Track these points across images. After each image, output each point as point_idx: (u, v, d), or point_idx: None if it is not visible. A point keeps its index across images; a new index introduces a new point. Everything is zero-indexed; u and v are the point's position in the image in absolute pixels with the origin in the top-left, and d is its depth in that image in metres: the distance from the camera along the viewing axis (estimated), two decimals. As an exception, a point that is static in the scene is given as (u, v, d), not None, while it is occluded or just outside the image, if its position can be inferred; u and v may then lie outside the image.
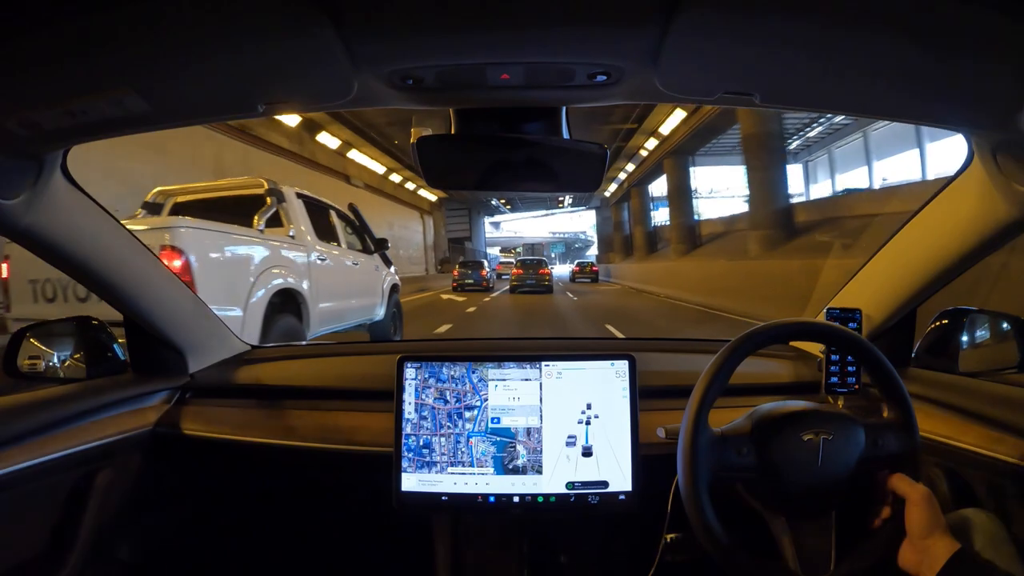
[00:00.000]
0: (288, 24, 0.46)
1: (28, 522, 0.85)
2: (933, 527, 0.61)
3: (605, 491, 0.86)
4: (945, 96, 0.56)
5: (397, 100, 0.61)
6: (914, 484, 0.64)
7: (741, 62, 0.52)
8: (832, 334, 0.73)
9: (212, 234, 3.01)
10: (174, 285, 1.09)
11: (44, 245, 0.83)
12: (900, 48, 0.47)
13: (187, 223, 2.87)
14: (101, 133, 0.64)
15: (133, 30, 0.46)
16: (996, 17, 0.42)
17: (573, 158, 0.72)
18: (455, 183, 0.77)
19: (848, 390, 0.97)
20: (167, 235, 2.75)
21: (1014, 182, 0.68)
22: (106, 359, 1.08)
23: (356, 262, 4.79)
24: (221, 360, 1.22)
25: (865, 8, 0.43)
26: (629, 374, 0.89)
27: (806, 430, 0.67)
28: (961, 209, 0.81)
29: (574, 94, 0.61)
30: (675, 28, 0.46)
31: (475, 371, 0.90)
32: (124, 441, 0.97)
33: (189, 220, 2.93)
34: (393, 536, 1.13)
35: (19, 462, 0.80)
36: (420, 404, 0.89)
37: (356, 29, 0.47)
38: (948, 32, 0.45)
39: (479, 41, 0.51)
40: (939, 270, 0.89)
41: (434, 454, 0.88)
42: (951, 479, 0.84)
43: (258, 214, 3.53)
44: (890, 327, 1.02)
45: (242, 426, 1.05)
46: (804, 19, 0.45)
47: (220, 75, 0.55)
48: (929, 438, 0.82)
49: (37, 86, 0.53)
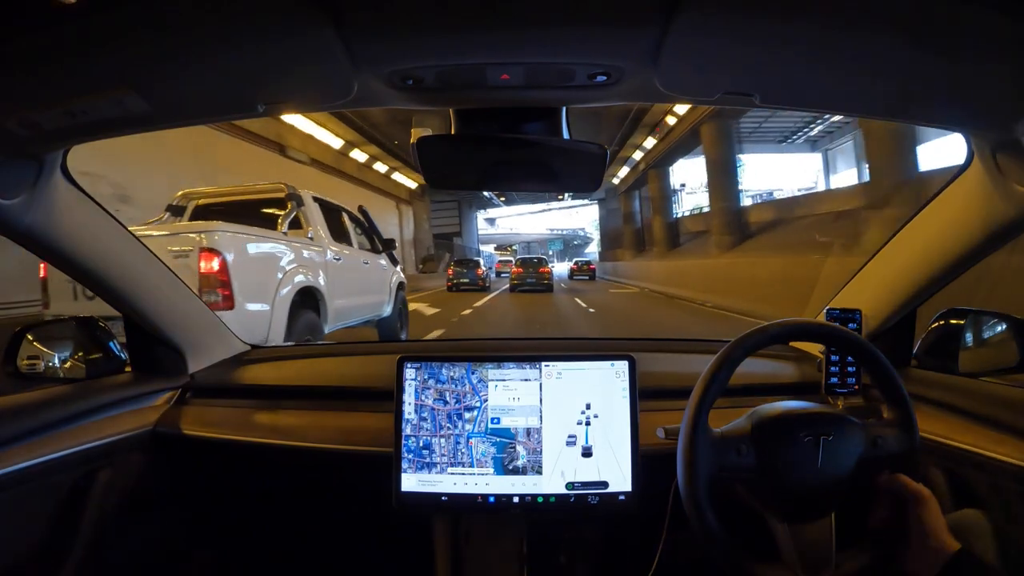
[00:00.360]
0: (288, 24, 0.46)
1: (28, 522, 0.85)
2: (933, 528, 0.61)
3: (605, 491, 0.86)
4: (945, 96, 0.56)
5: (397, 100, 0.61)
6: (914, 485, 0.64)
7: (741, 62, 0.52)
8: (832, 335, 0.73)
9: (245, 236, 3.24)
10: (174, 285, 1.09)
11: (44, 245, 0.83)
12: (900, 48, 0.47)
13: (223, 227, 3.06)
14: (101, 133, 0.64)
15: (133, 30, 0.46)
16: (996, 17, 0.42)
17: (573, 158, 0.72)
18: (455, 183, 0.77)
19: (848, 390, 0.97)
20: (205, 238, 2.95)
21: (1014, 182, 0.68)
22: (106, 359, 1.08)
23: (366, 261, 5.00)
24: (221, 360, 1.22)
25: (865, 8, 0.43)
26: (629, 374, 0.89)
27: (806, 431, 0.67)
28: (961, 209, 0.81)
29: (574, 94, 0.62)
30: (675, 28, 0.46)
31: (475, 371, 0.90)
32: (124, 441, 0.97)
33: (224, 224, 3.10)
34: (393, 536, 1.13)
35: (19, 462, 0.80)
36: (420, 404, 0.89)
37: (356, 29, 0.47)
38: (948, 32, 0.45)
39: (479, 41, 0.51)
40: (939, 270, 0.89)
41: (434, 454, 0.88)
42: (951, 479, 0.84)
43: (281, 217, 3.79)
44: (890, 327, 1.02)
45: (242, 426, 1.05)
46: (804, 19, 0.45)
47: (220, 75, 0.55)
48: (929, 438, 0.82)
49: (37, 86, 0.53)
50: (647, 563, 0.86)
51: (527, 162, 0.72)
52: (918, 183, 8.44)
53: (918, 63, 0.49)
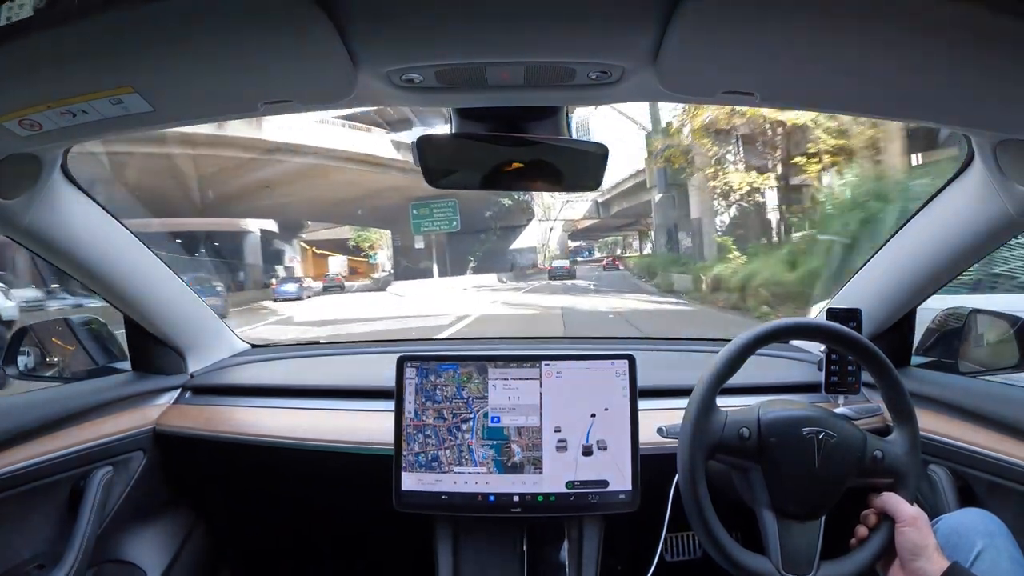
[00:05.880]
0: (288, 24, 0.46)
1: (28, 522, 0.85)
2: (923, 548, 0.62)
3: (605, 490, 0.86)
4: (945, 96, 0.56)
5: (398, 99, 0.61)
6: (906, 506, 0.65)
7: (741, 61, 0.52)
8: (833, 334, 0.73)
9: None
10: (174, 285, 1.09)
11: (44, 245, 0.83)
12: (900, 48, 0.47)
13: None
14: (101, 133, 0.64)
15: (133, 30, 0.46)
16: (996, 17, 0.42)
17: (574, 157, 0.72)
18: (455, 182, 0.77)
19: (848, 390, 0.97)
20: None
21: (1014, 182, 0.68)
22: (106, 359, 1.08)
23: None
24: (221, 360, 1.22)
25: (864, 8, 0.43)
26: (629, 374, 0.89)
27: (809, 427, 0.67)
28: (961, 209, 0.81)
29: (575, 94, 0.61)
30: (675, 28, 0.46)
31: (475, 371, 0.90)
32: (124, 441, 0.97)
33: None
34: (393, 536, 1.13)
35: (19, 462, 0.80)
36: (420, 404, 0.89)
37: (356, 28, 0.47)
38: (948, 32, 0.45)
39: (480, 40, 0.51)
40: (939, 270, 0.89)
41: (434, 454, 0.88)
42: (951, 479, 0.84)
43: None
44: (890, 326, 1.02)
45: (242, 426, 1.05)
46: (804, 19, 0.45)
47: (220, 74, 0.55)
48: (929, 438, 0.83)
49: (37, 86, 0.53)
50: (647, 563, 0.86)
51: (528, 161, 0.71)
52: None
53: (918, 63, 0.49)
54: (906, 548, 0.62)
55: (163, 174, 11.99)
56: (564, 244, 38.25)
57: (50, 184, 0.76)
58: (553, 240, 34.33)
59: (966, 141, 0.73)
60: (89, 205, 0.87)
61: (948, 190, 0.83)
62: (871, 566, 0.65)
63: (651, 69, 0.53)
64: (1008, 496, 0.76)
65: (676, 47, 0.49)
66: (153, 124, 0.63)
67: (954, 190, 0.82)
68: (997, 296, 2.15)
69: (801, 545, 0.66)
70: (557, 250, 34.25)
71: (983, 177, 0.73)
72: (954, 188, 0.81)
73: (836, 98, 0.63)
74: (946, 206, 0.85)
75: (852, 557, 0.66)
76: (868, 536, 0.67)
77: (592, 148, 0.70)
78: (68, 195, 0.82)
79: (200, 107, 0.63)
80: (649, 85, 0.57)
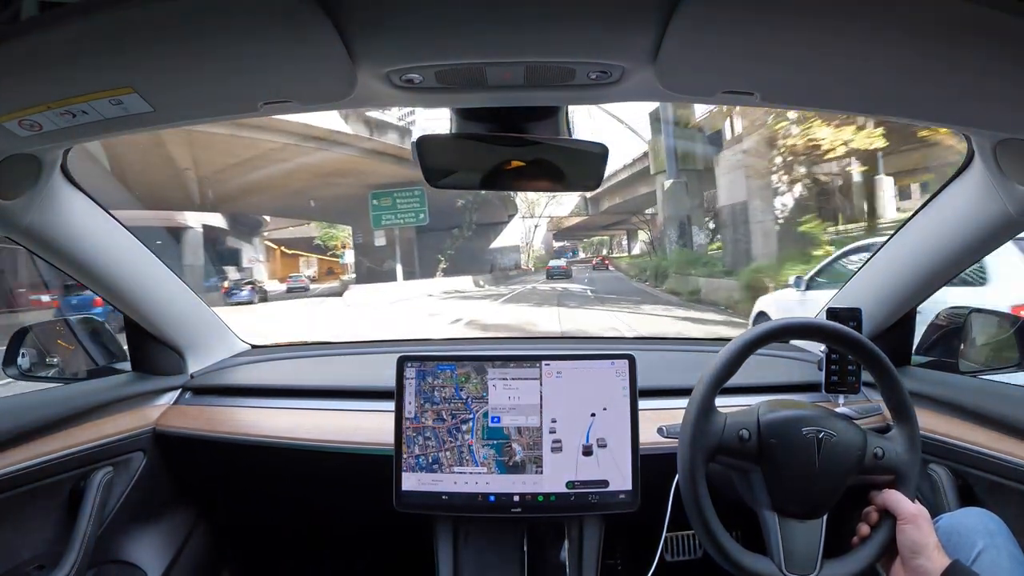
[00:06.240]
0: (289, 24, 0.46)
1: (28, 522, 0.85)
2: (924, 546, 0.62)
3: (605, 490, 0.86)
4: (945, 95, 0.56)
5: (398, 99, 0.61)
6: (907, 503, 0.65)
7: (741, 61, 0.52)
8: (832, 333, 0.73)
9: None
10: (174, 285, 1.09)
11: (44, 245, 0.83)
12: (900, 48, 0.47)
13: None
14: (101, 133, 0.64)
15: (133, 30, 0.46)
16: (996, 16, 0.42)
17: (574, 157, 0.72)
18: (455, 182, 0.77)
19: (848, 389, 0.97)
20: None
21: (1014, 182, 0.68)
22: (106, 359, 1.08)
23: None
24: (221, 360, 1.22)
25: (865, 8, 0.43)
26: (629, 374, 0.89)
27: (809, 426, 0.67)
28: (961, 209, 0.81)
29: (575, 93, 0.61)
30: (674, 28, 0.46)
31: (475, 371, 0.90)
32: (124, 441, 0.97)
33: None
34: (393, 536, 1.13)
35: (19, 462, 0.80)
36: (420, 404, 0.89)
37: (356, 29, 0.47)
38: (948, 32, 0.45)
39: (479, 41, 0.51)
40: (939, 269, 0.89)
41: (434, 454, 0.88)
42: (951, 478, 0.84)
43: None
44: (891, 326, 1.02)
45: (242, 426, 1.05)
46: (804, 19, 0.45)
47: (220, 74, 0.55)
48: (929, 437, 0.83)
49: (37, 86, 0.53)
50: (647, 563, 0.86)
51: (528, 161, 0.71)
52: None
53: (918, 63, 0.49)
54: (907, 546, 0.62)
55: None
56: (549, 244, 37.71)
57: (50, 184, 0.76)
58: (537, 239, 33.70)
59: (966, 141, 0.73)
60: (89, 205, 0.87)
61: (948, 190, 0.83)
62: (874, 564, 0.65)
63: (651, 69, 0.54)
64: (1008, 495, 0.76)
65: (676, 47, 0.49)
66: (153, 124, 0.63)
67: (954, 189, 0.82)
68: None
69: (803, 545, 0.66)
70: (542, 249, 33.94)
71: (983, 177, 0.73)
72: (954, 187, 0.81)
73: (836, 98, 0.63)
74: (946, 206, 0.85)
75: (855, 555, 0.66)
76: (870, 534, 0.66)
77: (592, 148, 0.70)
78: (68, 195, 0.82)
79: (200, 107, 0.63)
80: (649, 85, 0.57)
